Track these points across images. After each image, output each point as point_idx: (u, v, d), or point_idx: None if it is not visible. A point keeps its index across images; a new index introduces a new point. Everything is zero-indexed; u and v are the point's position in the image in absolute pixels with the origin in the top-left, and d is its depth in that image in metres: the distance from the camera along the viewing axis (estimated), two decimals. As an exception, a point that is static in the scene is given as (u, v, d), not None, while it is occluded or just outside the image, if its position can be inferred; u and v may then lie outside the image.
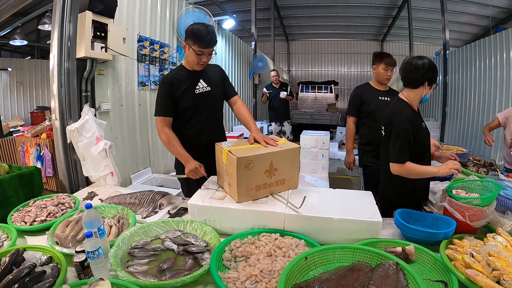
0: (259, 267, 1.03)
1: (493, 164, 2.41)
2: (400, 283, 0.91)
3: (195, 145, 1.80)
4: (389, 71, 2.41)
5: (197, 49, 1.66)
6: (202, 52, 1.67)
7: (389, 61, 2.39)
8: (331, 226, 1.25)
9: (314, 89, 10.47)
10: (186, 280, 0.98)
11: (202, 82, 1.81)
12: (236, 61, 6.03)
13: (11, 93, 6.93)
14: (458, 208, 1.25)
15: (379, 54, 2.46)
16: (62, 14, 2.16)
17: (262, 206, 1.35)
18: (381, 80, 2.46)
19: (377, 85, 2.49)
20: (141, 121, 3.04)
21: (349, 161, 2.71)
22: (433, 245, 1.18)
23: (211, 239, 1.27)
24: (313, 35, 12.34)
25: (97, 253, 1.00)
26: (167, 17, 3.39)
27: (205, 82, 1.82)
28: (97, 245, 1.00)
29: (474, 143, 5.20)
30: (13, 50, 7.76)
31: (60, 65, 2.19)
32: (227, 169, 1.42)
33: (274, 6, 9.49)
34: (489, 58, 4.89)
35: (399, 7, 8.96)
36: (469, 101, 5.48)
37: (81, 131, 2.06)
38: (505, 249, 1.03)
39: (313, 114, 9.10)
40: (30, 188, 1.96)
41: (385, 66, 2.39)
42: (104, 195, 1.85)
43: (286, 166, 1.47)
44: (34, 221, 1.44)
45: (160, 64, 3.27)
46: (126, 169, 2.80)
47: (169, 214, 1.59)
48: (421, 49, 11.06)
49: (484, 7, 7.54)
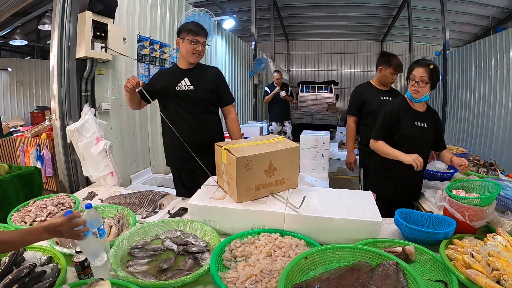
0: (259, 267, 1.03)
1: (493, 164, 2.41)
2: (400, 283, 0.91)
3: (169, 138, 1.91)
4: (396, 75, 2.35)
5: (191, 38, 1.78)
6: (196, 40, 1.79)
7: (398, 66, 2.31)
8: (331, 226, 1.24)
9: (314, 89, 10.47)
10: (186, 280, 0.98)
11: (186, 80, 1.86)
12: (236, 61, 6.03)
13: (11, 93, 6.94)
14: (458, 208, 1.25)
15: (388, 57, 2.35)
16: (62, 14, 2.16)
17: (262, 206, 1.35)
18: (385, 83, 2.41)
19: (379, 85, 2.44)
20: (141, 121, 3.04)
21: (350, 161, 2.67)
22: (433, 245, 1.18)
23: (211, 239, 1.27)
24: (313, 35, 12.35)
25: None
26: (167, 17, 3.39)
27: (189, 81, 1.86)
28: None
29: (474, 143, 5.20)
30: (13, 50, 7.77)
31: (60, 65, 2.19)
32: (227, 169, 1.42)
33: (274, 6, 9.50)
34: (489, 58, 4.89)
35: (399, 7, 8.97)
36: (469, 101, 5.48)
37: (81, 131, 2.06)
38: (505, 249, 1.03)
39: (313, 114, 9.10)
40: (30, 188, 1.96)
41: (393, 71, 2.32)
42: (104, 195, 1.85)
43: (286, 165, 1.47)
44: (34, 221, 1.44)
45: (160, 64, 3.27)
46: (126, 169, 2.80)
47: (169, 214, 1.59)
48: (421, 49, 11.07)
49: (484, 7, 7.55)
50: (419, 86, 1.70)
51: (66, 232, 0.90)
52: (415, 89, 1.71)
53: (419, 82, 1.69)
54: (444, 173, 2.19)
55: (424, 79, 1.68)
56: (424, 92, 1.72)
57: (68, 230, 0.90)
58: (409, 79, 1.76)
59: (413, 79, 1.72)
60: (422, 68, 1.70)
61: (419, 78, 1.69)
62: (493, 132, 4.72)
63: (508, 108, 4.44)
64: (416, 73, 1.71)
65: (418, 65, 1.72)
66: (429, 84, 1.70)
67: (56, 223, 0.89)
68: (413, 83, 1.72)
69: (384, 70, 2.35)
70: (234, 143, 1.53)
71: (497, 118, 4.64)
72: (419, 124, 1.79)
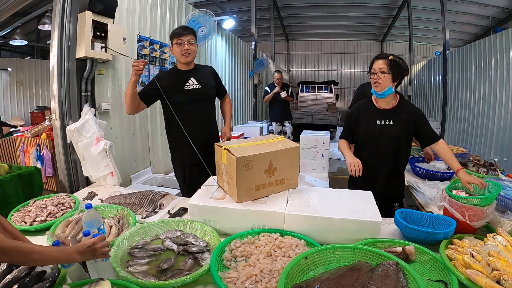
0: (259, 267, 1.03)
1: (493, 164, 2.41)
2: (400, 283, 0.91)
3: (182, 136, 1.91)
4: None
5: (177, 40, 1.92)
6: (181, 41, 1.91)
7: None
8: (331, 226, 1.24)
9: (314, 89, 10.47)
10: (186, 280, 0.98)
11: (193, 80, 2.01)
12: (236, 61, 6.02)
13: (11, 93, 6.93)
14: (458, 208, 1.25)
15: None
16: (62, 14, 2.15)
17: (262, 206, 1.35)
18: None
19: None
20: (141, 121, 3.04)
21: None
22: (433, 245, 1.18)
23: (211, 239, 1.27)
24: (313, 35, 12.34)
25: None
26: (167, 17, 3.39)
27: (195, 80, 2.01)
28: None
29: (474, 143, 5.20)
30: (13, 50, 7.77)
31: (60, 65, 2.18)
32: (227, 169, 1.42)
33: (274, 6, 9.49)
34: (489, 58, 4.89)
35: (399, 7, 8.96)
36: (469, 101, 5.48)
37: (81, 131, 2.05)
38: (505, 249, 1.03)
39: (313, 114, 9.10)
40: (30, 188, 1.96)
41: None
42: (104, 195, 1.85)
43: (286, 165, 1.47)
44: (34, 221, 1.44)
45: (160, 64, 3.27)
46: (126, 169, 2.79)
47: (169, 214, 1.59)
48: (421, 49, 11.07)
49: (484, 7, 7.55)
50: (378, 78, 1.68)
51: (98, 250, 0.93)
52: (375, 81, 1.69)
53: (378, 73, 1.67)
54: (444, 173, 2.19)
55: (383, 70, 1.66)
56: (385, 83, 1.68)
57: (99, 249, 0.93)
58: (370, 73, 1.74)
59: (373, 72, 1.70)
60: (381, 60, 1.69)
61: (378, 70, 1.68)
62: (493, 132, 4.72)
63: (508, 108, 4.44)
64: (376, 65, 1.70)
65: (377, 58, 1.72)
66: (389, 75, 1.66)
67: (87, 243, 0.91)
68: (373, 75, 1.71)
69: None
70: (234, 143, 1.53)
71: (497, 118, 4.64)
72: (382, 122, 1.75)
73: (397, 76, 1.70)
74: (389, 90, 1.70)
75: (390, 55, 1.70)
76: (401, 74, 1.71)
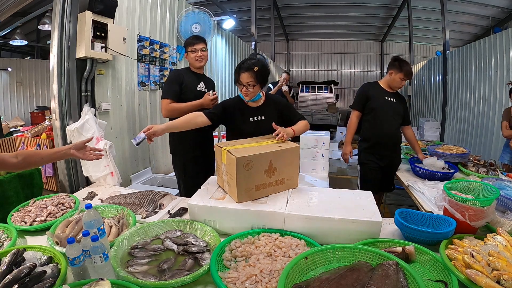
0: (259, 267, 1.03)
1: (493, 164, 2.41)
2: (400, 283, 0.91)
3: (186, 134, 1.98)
4: (404, 81, 2.40)
5: (191, 48, 2.19)
6: (194, 49, 2.19)
7: (409, 73, 2.35)
8: (331, 226, 1.24)
9: (314, 89, 10.48)
10: (186, 280, 0.98)
11: (203, 83, 2.28)
12: (236, 61, 6.02)
13: (11, 93, 6.94)
14: (458, 208, 1.25)
15: (401, 62, 2.37)
16: (62, 14, 2.16)
17: (262, 206, 1.35)
18: (393, 86, 2.45)
19: (387, 87, 2.48)
20: (141, 121, 3.04)
21: (346, 152, 2.62)
22: (433, 245, 1.18)
23: (211, 239, 1.27)
24: (313, 35, 12.33)
25: (79, 260, 0.97)
26: (167, 17, 3.39)
27: (204, 84, 2.29)
28: (79, 252, 0.98)
29: (474, 143, 5.20)
30: (13, 50, 7.77)
31: (60, 65, 2.19)
32: (227, 169, 1.42)
33: (274, 6, 9.49)
34: (489, 58, 4.89)
35: (399, 7, 8.96)
36: (469, 101, 5.48)
37: (81, 131, 2.06)
38: (505, 249, 1.03)
39: (313, 114, 9.10)
40: (30, 188, 1.96)
41: (403, 76, 2.35)
42: (104, 195, 1.85)
43: (286, 165, 1.47)
44: (34, 221, 1.44)
45: (160, 64, 3.27)
46: (126, 169, 2.80)
47: (169, 214, 1.58)
48: (421, 49, 11.07)
49: (484, 7, 7.54)
50: (248, 91, 1.69)
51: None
52: (246, 93, 1.71)
53: (247, 86, 1.68)
54: (444, 173, 2.19)
55: (251, 83, 1.67)
56: (254, 93, 1.72)
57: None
58: (238, 83, 1.72)
59: (241, 84, 1.69)
60: (246, 73, 1.66)
61: (246, 83, 1.67)
62: (493, 132, 4.71)
63: (508, 108, 4.43)
64: (242, 79, 1.68)
65: (243, 70, 1.67)
66: (257, 86, 1.69)
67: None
68: (241, 87, 1.71)
69: (394, 74, 2.38)
70: (234, 143, 1.54)
71: (497, 118, 4.64)
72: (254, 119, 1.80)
73: (264, 83, 1.74)
74: (258, 95, 1.78)
75: (254, 65, 1.66)
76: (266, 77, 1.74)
